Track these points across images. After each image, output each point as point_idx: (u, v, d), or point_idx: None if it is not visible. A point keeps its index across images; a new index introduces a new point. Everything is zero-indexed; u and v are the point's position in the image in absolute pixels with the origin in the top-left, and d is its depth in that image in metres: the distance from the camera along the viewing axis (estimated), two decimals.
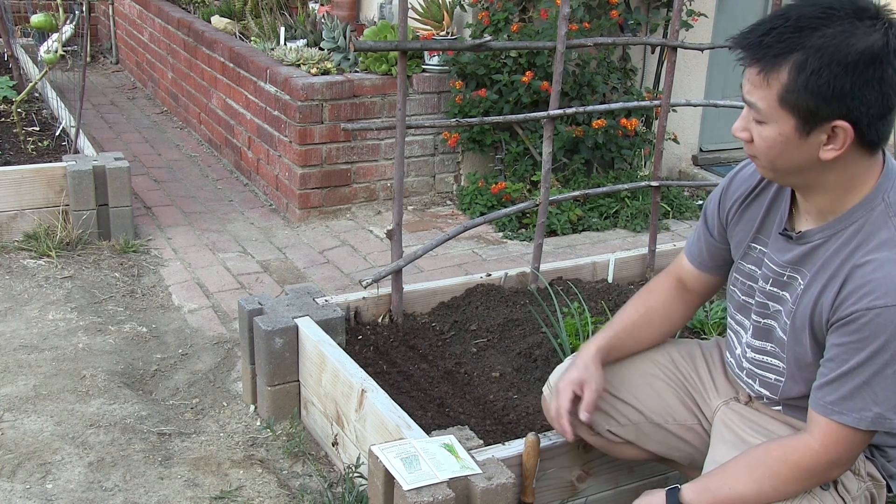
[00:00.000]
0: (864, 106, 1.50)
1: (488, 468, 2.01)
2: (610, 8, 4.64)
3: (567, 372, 2.00)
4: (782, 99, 1.53)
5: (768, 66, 1.53)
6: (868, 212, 1.61)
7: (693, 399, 2.03)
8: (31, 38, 6.97)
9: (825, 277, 1.64)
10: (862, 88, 1.49)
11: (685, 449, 2.06)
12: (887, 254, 1.56)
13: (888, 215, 1.59)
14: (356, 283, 3.79)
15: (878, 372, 1.56)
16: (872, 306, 1.54)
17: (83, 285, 3.66)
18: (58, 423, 2.72)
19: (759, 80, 1.54)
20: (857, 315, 1.56)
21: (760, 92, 1.55)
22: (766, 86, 1.54)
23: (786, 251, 1.74)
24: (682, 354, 2.08)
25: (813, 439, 1.64)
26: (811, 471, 1.64)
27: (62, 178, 3.96)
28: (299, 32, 5.21)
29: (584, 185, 4.63)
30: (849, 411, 1.59)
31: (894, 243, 1.57)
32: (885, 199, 1.60)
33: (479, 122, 3.07)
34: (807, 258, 1.69)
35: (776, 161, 1.60)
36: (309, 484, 2.51)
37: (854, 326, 1.57)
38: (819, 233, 1.67)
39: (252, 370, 2.78)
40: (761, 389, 1.87)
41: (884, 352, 1.54)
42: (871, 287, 1.55)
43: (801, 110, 1.52)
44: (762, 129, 1.58)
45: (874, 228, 1.60)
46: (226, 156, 5.48)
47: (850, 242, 1.62)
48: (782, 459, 1.66)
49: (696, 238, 2.02)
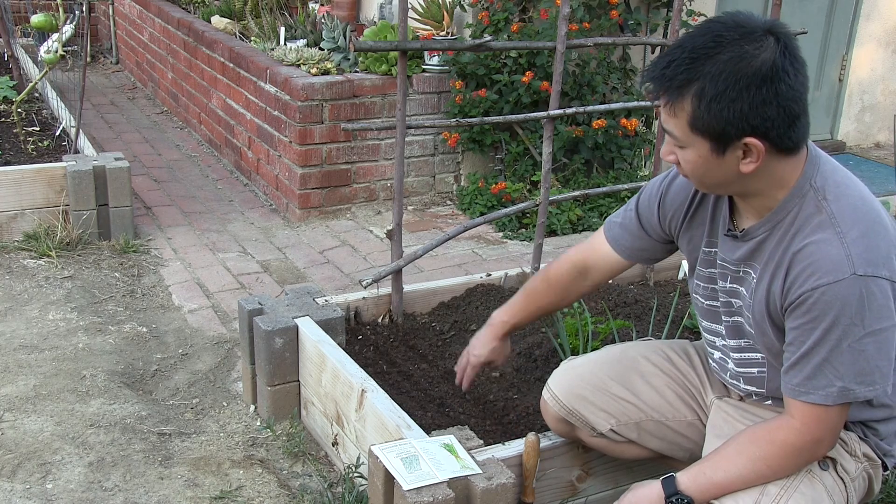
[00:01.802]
0: (768, 121, 1.57)
1: (488, 468, 2.01)
2: (610, 8, 4.64)
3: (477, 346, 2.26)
4: (692, 125, 1.61)
5: (673, 97, 1.61)
6: (800, 199, 1.68)
7: (692, 395, 2.06)
8: (31, 38, 6.98)
9: (772, 267, 1.71)
10: (760, 107, 1.56)
11: (686, 446, 2.07)
12: (822, 234, 1.63)
13: (818, 199, 1.66)
14: (356, 283, 3.79)
15: (834, 347, 1.61)
16: (817, 286, 1.60)
17: (83, 285, 3.66)
18: (58, 423, 2.72)
19: (668, 110, 1.63)
20: (805, 296, 1.62)
21: (673, 121, 1.63)
22: (675, 115, 1.62)
23: (735, 249, 1.80)
24: (678, 352, 2.11)
25: (793, 418, 1.69)
26: (798, 447, 1.69)
27: (62, 178, 3.96)
28: (299, 32, 5.21)
29: (584, 185, 4.63)
30: (815, 390, 1.64)
31: (827, 224, 1.63)
32: (813, 185, 1.67)
33: (479, 122, 3.07)
34: (755, 253, 1.76)
35: (704, 178, 1.69)
36: (309, 484, 2.51)
37: (804, 308, 1.63)
38: (760, 228, 1.74)
39: (252, 370, 2.78)
40: (748, 387, 1.91)
41: (835, 327, 1.60)
42: (812, 268, 1.61)
43: (712, 133, 1.60)
44: (683, 153, 1.67)
45: (808, 214, 1.67)
46: (226, 156, 5.48)
47: (789, 231, 1.69)
48: (769, 440, 1.70)
49: (626, 233, 2.06)
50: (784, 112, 1.57)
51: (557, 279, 2.16)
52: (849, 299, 1.58)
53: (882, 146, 6.43)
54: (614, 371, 2.07)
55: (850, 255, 1.58)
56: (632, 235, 2.05)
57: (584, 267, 2.13)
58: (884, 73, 6.31)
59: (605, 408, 2.05)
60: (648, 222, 2.01)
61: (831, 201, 1.65)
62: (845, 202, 1.65)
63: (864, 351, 1.61)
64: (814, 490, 1.71)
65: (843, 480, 1.77)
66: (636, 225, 2.04)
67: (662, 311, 3.10)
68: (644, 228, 2.03)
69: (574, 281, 2.15)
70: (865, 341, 1.60)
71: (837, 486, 1.76)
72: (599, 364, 2.10)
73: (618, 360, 2.10)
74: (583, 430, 2.11)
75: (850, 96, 6.26)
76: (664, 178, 1.98)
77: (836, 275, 1.58)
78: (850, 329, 1.59)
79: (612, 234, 2.08)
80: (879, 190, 5.16)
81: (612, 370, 2.07)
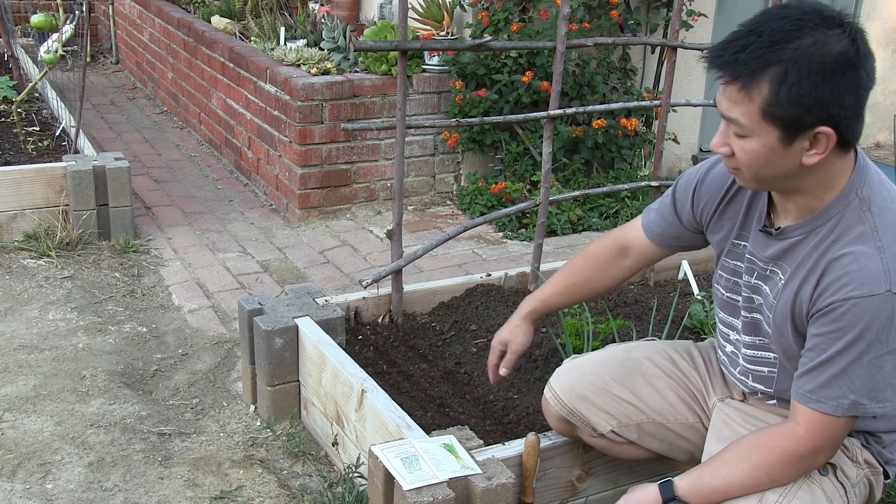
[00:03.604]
0: (844, 110, 1.55)
1: (488, 468, 2.01)
2: (610, 8, 4.64)
3: (500, 330, 2.28)
4: (765, 112, 1.56)
5: (748, 81, 1.55)
6: (843, 207, 1.66)
7: (694, 397, 2.05)
8: (31, 38, 6.97)
9: (804, 271, 1.69)
10: (841, 94, 1.53)
11: (687, 448, 2.07)
12: (862, 247, 1.61)
13: (862, 210, 1.64)
14: (356, 283, 3.79)
15: (854, 360, 1.60)
16: (849, 297, 1.58)
17: (83, 285, 3.66)
18: (58, 423, 2.72)
19: (740, 96, 1.57)
20: (835, 305, 1.60)
21: (742, 107, 1.58)
22: (748, 101, 1.56)
23: (767, 247, 1.78)
24: (682, 353, 2.10)
25: (797, 425, 1.68)
26: (799, 455, 1.68)
27: (62, 178, 3.96)
28: (299, 32, 5.21)
29: (584, 185, 4.63)
30: (826, 399, 1.63)
31: (869, 237, 1.61)
32: (859, 195, 1.65)
33: (479, 122, 3.07)
34: (787, 254, 1.73)
35: (760, 171, 1.64)
36: (309, 484, 2.51)
37: (832, 317, 1.61)
38: (798, 229, 1.71)
39: (252, 370, 2.78)
40: (755, 385, 1.90)
41: (860, 341, 1.59)
42: (847, 279, 1.59)
43: (785, 121, 1.55)
44: (745, 142, 1.61)
45: (850, 223, 1.64)
46: (226, 156, 5.48)
47: (828, 237, 1.66)
48: (770, 447, 1.69)
49: (659, 218, 2.06)
50: (858, 102, 1.56)
51: (598, 254, 2.16)
52: (879, 315, 1.56)
53: (882, 146, 6.43)
54: (616, 372, 2.06)
55: (888, 272, 1.57)
56: (665, 221, 2.04)
57: (624, 245, 2.12)
58: (884, 73, 6.31)
59: (607, 408, 2.04)
60: (682, 208, 1.99)
61: (876, 214, 1.63)
62: (889, 216, 1.63)
63: (881, 368, 1.60)
64: (813, 496, 1.70)
65: (843, 486, 1.76)
66: (670, 210, 2.03)
67: (662, 311, 3.10)
68: (677, 214, 2.01)
69: (615, 258, 2.14)
70: (886, 358, 1.59)
71: (837, 491, 1.75)
72: (602, 364, 2.09)
73: (620, 360, 2.09)
74: (583, 430, 2.11)
75: None
76: (704, 165, 1.96)
77: (871, 288, 1.57)
78: (874, 345, 1.58)
79: (647, 219, 2.09)
80: None
81: (615, 371, 2.07)
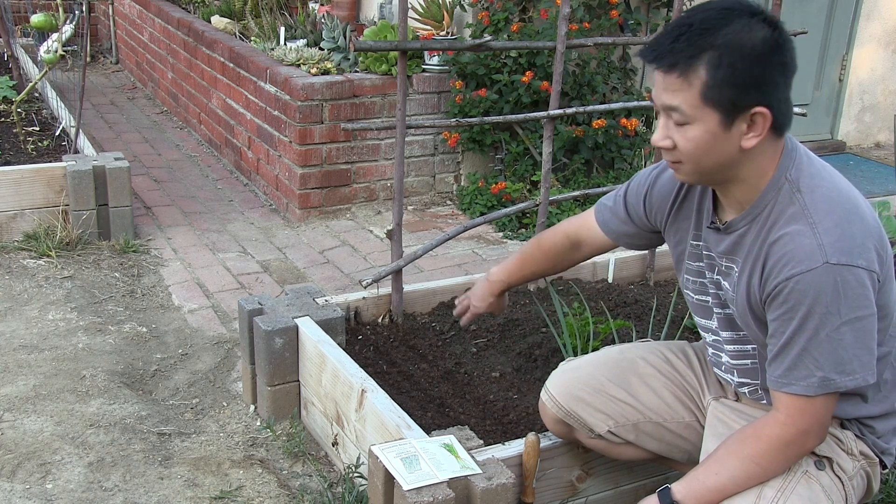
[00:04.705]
0: (776, 89, 1.62)
1: (488, 468, 2.01)
2: (610, 8, 4.65)
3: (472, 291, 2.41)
4: (705, 96, 1.61)
5: (686, 68, 1.61)
6: (776, 192, 1.70)
7: (690, 396, 2.06)
8: (31, 38, 6.97)
9: (751, 261, 1.73)
10: (772, 73, 1.61)
11: (684, 447, 2.08)
12: (796, 226, 1.65)
13: (792, 191, 1.69)
14: (356, 283, 3.79)
15: (811, 337, 1.62)
16: (791, 275, 1.62)
17: (83, 285, 3.66)
18: (58, 423, 2.72)
19: (679, 83, 1.62)
20: (780, 286, 1.64)
21: (682, 94, 1.63)
22: (687, 87, 1.62)
23: (718, 242, 1.82)
24: (677, 353, 2.11)
25: (777, 412, 1.70)
26: (785, 441, 1.68)
27: (62, 178, 3.96)
28: (299, 32, 5.21)
29: (584, 185, 4.63)
30: (796, 381, 1.65)
31: (801, 215, 1.65)
32: (788, 177, 1.70)
33: (479, 122, 3.07)
34: (737, 246, 1.77)
35: (702, 160, 1.68)
36: (309, 484, 2.51)
37: (780, 298, 1.65)
38: (741, 221, 1.76)
39: (252, 370, 2.78)
40: (742, 379, 1.92)
41: (811, 317, 1.61)
42: (786, 259, 1.63)
43: (724, 103, 1.61)
44: (686, 131, 1.66)
45: (783, 206, 1.69)
46: (226, 156, 5.48)
47: (766, 224, 1.71)
48: (756, 437, 1.71)
49: (613, 217, 2.11)
50: (786, 83, 1.64)
51: (550, 247, 2.24)
52: (823, 288, 1.59)
53: (882, 146, 6.43)
54: (612, 373, 2.07)
55: (822, 245, 1.60)
56: (619, 220, 2.10)
57: (576, 239, 2.20)
58: (884, 73, 6.31)
59: (603, 409, 2.05)
60: (635, 212, 2.05)
61: (805, 193, 1.67)
62: (819, 193, 1.67)
63: (841, 340, 1.61)
64: (811, 491, 1.71)
65: (841, 479, 1.77)
66: (623, 212, 2.08)
67: (662, 311, 3.10)
68: (630, 216, 2.07)
69: (566, 251, 2.23)
70: (843, 330, 1.61)
71: (835, 485, 1.75)
72: (597, 366, 2.10)
73: (616, 361, 2.10)
74: (581, 432, 2.11)
75: (851, 96, 6.26)
76: (653, 169, 2.01)
77: (808, 264, 1.60)
78: (826, 318, 1.60)
79: (601, 216, 2.13)
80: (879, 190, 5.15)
81: (610, 372, 2.07)
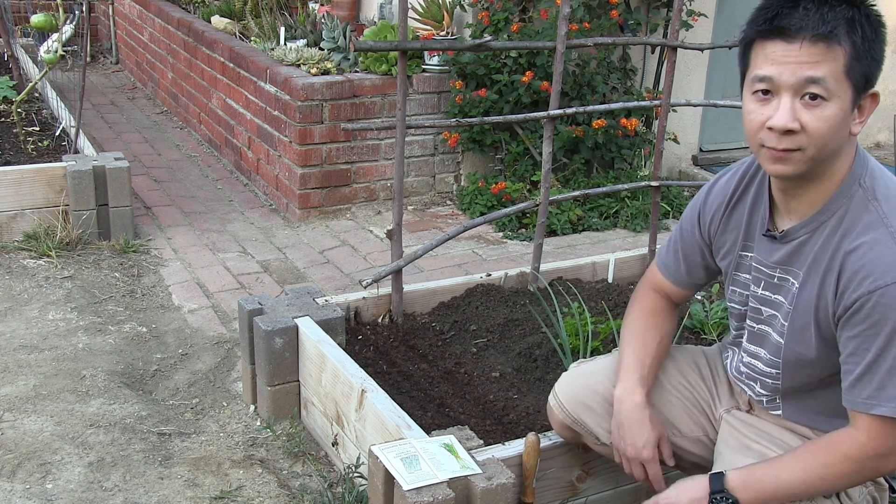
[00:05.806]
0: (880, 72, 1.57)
1: (488, 468, 2.01)
2: (610, 8, 4.64)
3: (622, 441, 1.94)
4: (848, 69, 1.52)
5: (832, 38, 1.50)
6: (847, 199, 1.62)
7: (701, 409, 2.01)
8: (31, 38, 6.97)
9: (820, 272, 1.64)
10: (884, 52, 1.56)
11: (691, 460, 2.03)
12: (874, 234, 1.56)
13: (867, 199, 1.60)
14: (356, 283, 3.79)
15: None
16: (874, 288, 1.53)
17: (83, 285, 3.66)
18: (58, 423, 2.72)
19: (823, 54, 1.51)
20: (862, 301, 1.55)
21: (827, 66, 1.51)
22: (832, 59, 1.51)
23: (772, 252, 1.74)
24: (689, 363, 2.05)
25: (857, 431, 1.61)
26: (859, 461, 1.61)
27: (62, 178, 3.96)
28: (299, 32, 5.21)
29: (584, 185, 4.63)
30: (886, 401, 1.55)
31: (879, 223, 1.57)
32: (863, 184, 1.62)
33: (479, 122, 3.07)
34: (795, 256, 1.69)
35: (828, 144, 1.56)
36: (309, 484, 2.51)
37: (862, 314, 1.55)
38: (802, 228, 1.67)
39: (252, 370, 2.78)
40: (762, 391, 1.87)
41: None
42: (867, 270, 1.55)
43: (859, 79, 1.53)
44: (821, 110, 1.53)
45: (856, 214, 1.60)
46: (226, 156, 5.48)
47: (836, 232, 1.62)
48: (830, 450, 1.63)
49: (671, 257, 2.00)
50: None
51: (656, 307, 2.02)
52: None
53: (882, 146, 6.42)
54: None
55: None
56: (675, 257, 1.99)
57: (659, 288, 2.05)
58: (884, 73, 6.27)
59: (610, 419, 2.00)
60: (691, 237, 1.95)
61: (882, 201, 1.59)
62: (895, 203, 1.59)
63: None
64: None
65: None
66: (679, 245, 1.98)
67: None
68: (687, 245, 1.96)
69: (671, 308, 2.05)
70: None
71: None
72: (608, 373, 2.02)
73: None
74: (587, 438, 2.08)
75: None
76: (701, 191, 1.94)
77: (893, 275, 1.51)
78: None
79: (662, 263, 2.03)
80: None
81: None
